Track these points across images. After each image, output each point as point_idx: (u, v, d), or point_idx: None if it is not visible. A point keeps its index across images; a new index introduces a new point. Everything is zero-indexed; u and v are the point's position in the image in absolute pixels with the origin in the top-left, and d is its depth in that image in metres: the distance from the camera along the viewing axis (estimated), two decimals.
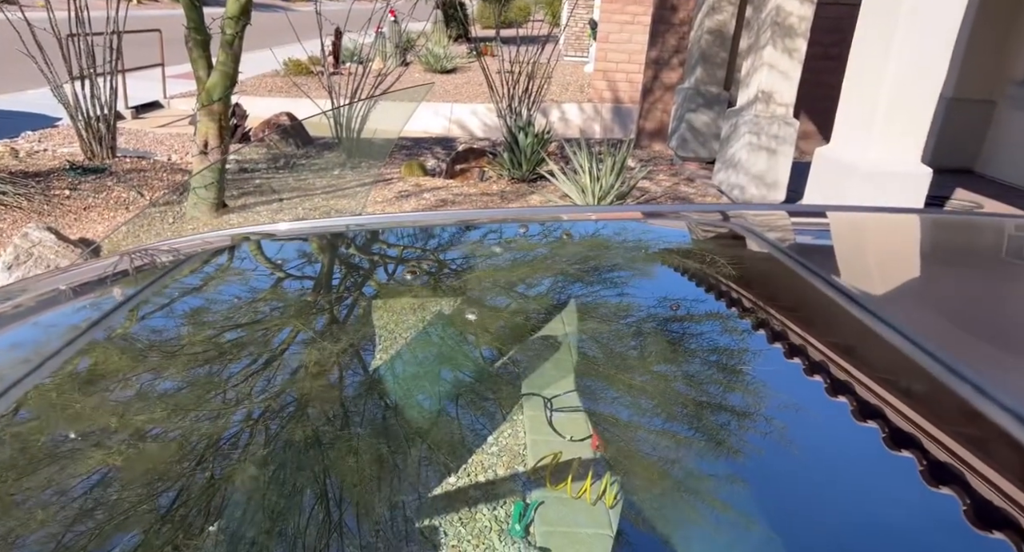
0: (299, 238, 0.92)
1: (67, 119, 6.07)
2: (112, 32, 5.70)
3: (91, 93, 5.67)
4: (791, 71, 5.13)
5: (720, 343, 0.60)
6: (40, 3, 5.29)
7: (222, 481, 0.46)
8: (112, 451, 0.47)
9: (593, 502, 0.42)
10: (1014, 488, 0.38)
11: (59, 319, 0.73)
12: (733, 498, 0.42)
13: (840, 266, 0.74)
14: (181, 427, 0.50)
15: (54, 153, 6.21)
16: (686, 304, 0.67)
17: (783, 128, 5.17)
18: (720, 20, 6.47)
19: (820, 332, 0.59)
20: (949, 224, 1.04)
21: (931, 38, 3.64)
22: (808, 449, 0.46)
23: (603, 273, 0.77)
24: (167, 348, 0.62)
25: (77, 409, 0.52)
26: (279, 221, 0.98)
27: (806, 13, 5.04)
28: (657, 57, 7.85)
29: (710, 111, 6.60)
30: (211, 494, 0.44)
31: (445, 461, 0.47)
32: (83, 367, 0.59)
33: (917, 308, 0.65)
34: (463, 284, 0.75)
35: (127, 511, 0.42)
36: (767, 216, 0.80)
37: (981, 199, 5.48)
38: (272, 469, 0.47)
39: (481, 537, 0.41)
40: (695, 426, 0.49)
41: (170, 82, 9.16)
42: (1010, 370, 0.51)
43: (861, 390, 0.49)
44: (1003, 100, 6.23)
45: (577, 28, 16.44)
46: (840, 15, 6.36)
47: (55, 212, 4.71)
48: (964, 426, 0.44)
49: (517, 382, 0.57)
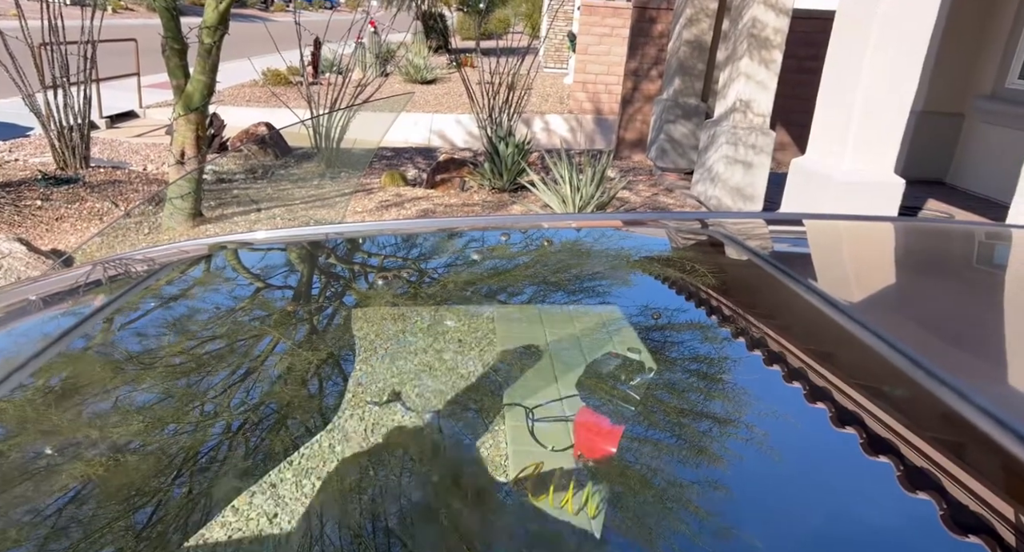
0: (277, 246, 0.91)
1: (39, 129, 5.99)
2: (86, 41, 5.63)
3: (64, 102, 5.59)
4: (768, 82, 5.21)
5: (700, 350, 0.61)
6: (12, 12, 5.22)
7: (200, 494, 0.45)
8: (87, 464, 0.45)
9: (575, 512, 0.42)
10: (992, 492, 0.38)
11: (30, 330, 0.72)
12: (715, 505, 0.41)
13: (817, 272, 0.75)
14: (158, 439, 0.49)
15: (25, 163, 6.11)
16: (667, 312, 0.67)
17: (760, 138, 5.24)
18: (697, 32, 6.56)
19: (799, 338, 0.60)
20: (923, 231, 1.06)
21: (902, 52, 3.72)
22: (790, 455, 0.46)
23: (584, 281, 0.77)
24: (142, 359, 0.60)
25: (49, 422, 0.51)
26: (257, 230, 0.97)
27: (781, 25, 5.12)
28: (636, 68, 7.93)
29: (688, 122, 6.68)
30: (189, 508, 0.43)
31: (427, 472, 0.46)
32: (55, 379, 0.58)
33: (894, 313, 0.65)
34: (444, 292, 0.74)
35: (103, 528, 0.41)
36: (745, 224, 0.81)
37: (953, 210, 5.59)
38: (252, 480, 0.46)
39: (465, 548, 0.41)
40: (677, 434, 0.49)
41: (146, 91, 9.07)
42: (986, 374, 0.52)
43: (840, 395, 0.50)
44: (971, 113, 6.37)
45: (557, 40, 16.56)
46: (814, 29, 6.48)
47: (26, 223, 4.62)
48: (941, 429, 0.44)
49: (499, 392, 0.57)
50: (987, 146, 6.13)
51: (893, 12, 3.70)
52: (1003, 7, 6.03)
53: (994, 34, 6.10)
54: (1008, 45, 6.06)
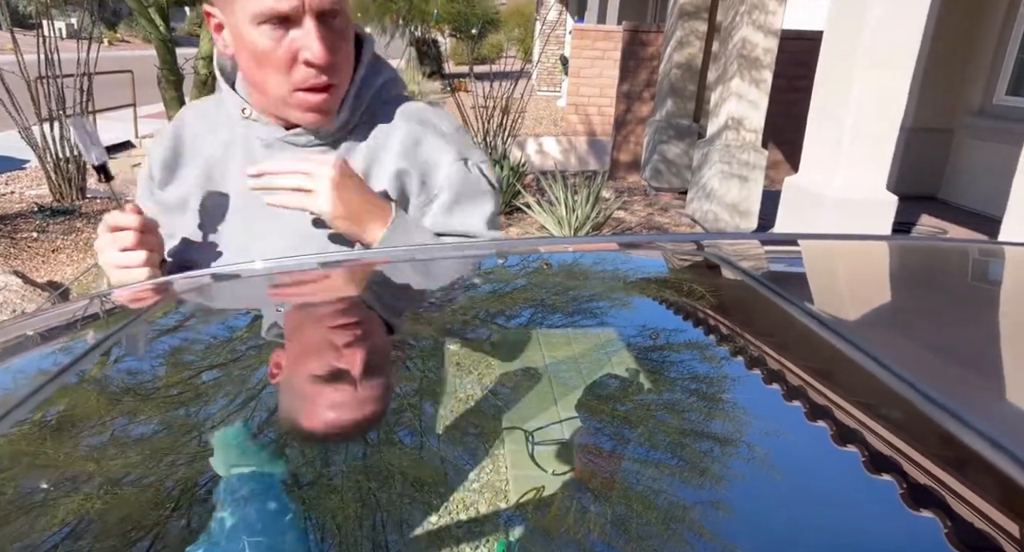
0: (276, 275, 0.91)
1: (35, 161, 6.01)
2: (83, 73, 5.68)
3: (60, 134, 5.62)
4: (759, 101, 5.26)
5: (699, 371, 0.61)
6: (9, 46, 5.27)
7: (200, 527, 0.44)
8: (88, 500, 0.45)
9: (577, 535, 0.42)
10: (993, 510, 0.38)
11: (27, 366, 0.72)
12: (718, 526, 0.41)
13: (813, 293, 0.76)
14: (157, 473, 0.49)
15: (21, 195, 6.13)
16: (664, 333, 0.67)
17: (753, 155, 5.29)
18: (688, 54, 6.64)
19: (795, 359, 0.60)
20: (917, 250, 1.07)
21: (890, 70, 3.77)
22: (790, 476, 0.46)
23: (581, 303, 0.77)
24: (142, 393, 0.60)
25: (47, 459, 0.51)
26: (254, 260, 0.97)
27: (771, 46, 5.19)
28: (628, 91, 8.01)
29: (681, 142, 6.73)
30: (190, 539, 0.43)
31: (426, 499, 0.46)
32: (54, 415, 0.58)
33: (889, 334, 0.66)
34: (442, 317, 0.75)
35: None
36: (740, 245, 0.82)
37: (946, 225, 5.62)
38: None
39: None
40: (678, 455, 0.49)
41: (142, 122, 9.13)
42: (982, 394, 0.52)
43: (836, 416, 0.50)
44: (961, 129, 6.44)
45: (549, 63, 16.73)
46: (803, 49, 6.57)
47: (22, 256, 4.62)
48: (938, 450, 0.44)
49: (498, 416, 0.57)
50: (978, 162, 6.18)
51: (880, 30, 3.76)
52: (988, 24, 6.13)
53: (981, 51, 6.19)
54: (994, 62, 6.15)
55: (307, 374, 0.64)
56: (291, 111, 1.00)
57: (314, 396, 0.62)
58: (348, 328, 0.74)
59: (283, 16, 0.92)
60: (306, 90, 0.97)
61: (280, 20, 0.92)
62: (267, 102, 1.02)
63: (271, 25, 0.92)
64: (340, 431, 0.56)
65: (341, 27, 0.97)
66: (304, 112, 1.00)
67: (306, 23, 0.93)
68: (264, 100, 1.02)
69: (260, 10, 0.91)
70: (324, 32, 0.94)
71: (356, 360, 0.66)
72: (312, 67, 0.95)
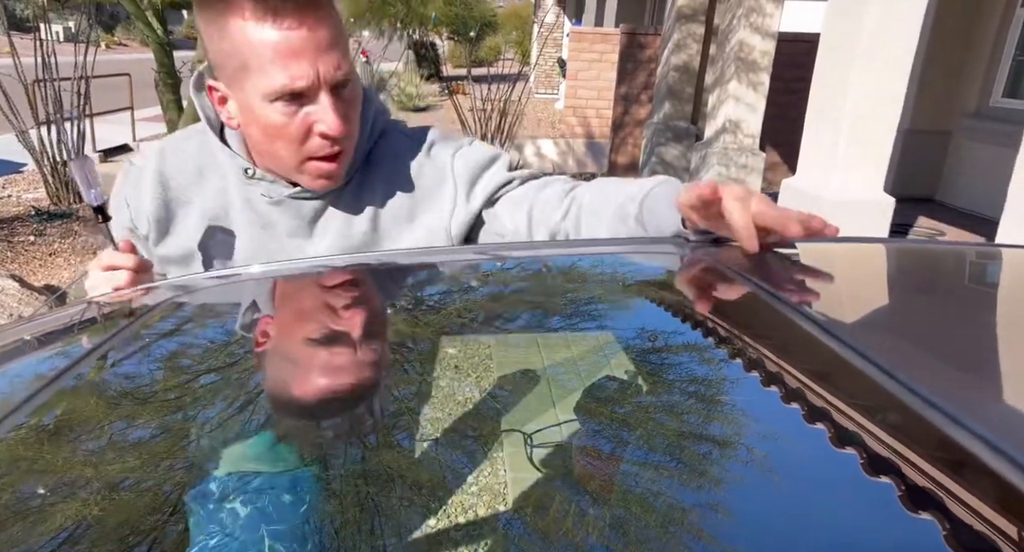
0: (273, 279, 0.91)
1: (32, 164, 6.00)
2: (80, 77, 5.68)
3: (58, 138, 5.62)
4: (756, 103, 5.27)
5: (697, 374, 0.61)
6: (6, 50, 5.27)
7: (198, 530, 0.44)
8: (85, 505, 0.45)
9: (576, 538, 0.42)
10: (991, 513, 0.39)
11: (24, 370, 0.72)
12: (716, 529, 0.41)
13: (810, 295, 0.76)
14: (155, 477, 0.48)
15: (18, 199, 6.12)
16: (662, 336, 0.68)
17: (751, 158, 5.29)
18: (686, 57, 6.65)
19: (793, 361, 0.60)
20: (914, 253, 1.07)
21: (887, 72, 3.78)
22: (788, 478, 0.46)
23: (579, 306, 0.77)
24: (140, 397, 0.60)
25: (44, 464, 0.51)
26: (251, 264, 0.97)
27: (768, 48, 5.21)
28: (626, 93, 8.03)
29: (679, 145, 6.74)
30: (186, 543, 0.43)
31: (425, 501, 0.46)
32: (50, 419, 0.58)
33: (886, 336, 0.66)
34: (441, 320, 0.75)
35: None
36: (737, 247, 0.82)
37: (943, 226, 5.63)
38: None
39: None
40: (676, 457, 0.49)
41: (140, 125, 9.12)
42: (980, 396, 0.52)
43: (833, 419, 0.50)
44: (958, 131, 6.45)
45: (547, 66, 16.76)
46: (800, 51, 6.59)
47: (19, 259, 4.62)
48: (936, 452, 0.44)
49: (497, 418, 0.57)
50: (974, 163, 6.20)
51: (877, 33, 3.77)
52: (984, 26, 6.15)
53: (977, 54, 6.21)
54: (990, 64, 6.17)
55: (294, 345, 0.64)
56: (303, 177, 1.00)
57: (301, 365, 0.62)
58: (341, 322, 0.75)
59: (298, 93, 0.91)
60: (319, 158, 0.97)
61: (294, 97, 0.91)
62: (275, 165, 1.01)
63: (284, 102, 0.91)
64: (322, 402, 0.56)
65: (351, 95, 0.97)
66: (315, 179, 1.00)
67: (321, 99, 0.92)
68: (271, 164, 1.01)
69: (274, 88, 0.90)
70: (338, 103, 0.93)
71: (346, 337, 0.66)
72: (327, 138, 0.94)
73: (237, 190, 1.05)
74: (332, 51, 0.91)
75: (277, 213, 1.05)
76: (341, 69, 0.92)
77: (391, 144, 1.10)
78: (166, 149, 1.10)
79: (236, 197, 1.06)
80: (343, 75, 0.93)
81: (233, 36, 0.90)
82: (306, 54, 0.89)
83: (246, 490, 0.49)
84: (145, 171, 1.08)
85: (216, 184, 1.07)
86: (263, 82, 0.90)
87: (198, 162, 1.07)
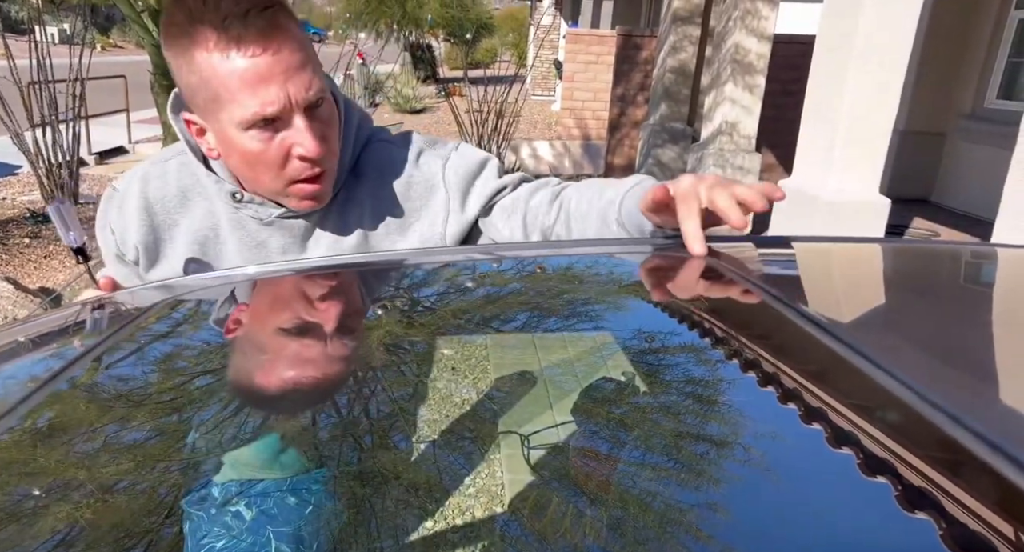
0: (270, 280, 0.91)
1: (27, 167, 5.99)
2: (75, 79, 5.66)
3: (53, 140, 5.60)
4: (752, 105, 5.28)
5: (694, 374, 0.61)
6: (0, 52, 5.26)
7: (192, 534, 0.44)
8: (78, 508, 0.45)
9: (573, 539, 0.42)
10: (990, 512, 0.38)
11: (18, 372, 0.71)
12: (714, 529, 0.41)
13: (807, 295, 0.76)
14: (149, 480, 0.48)
15: (13, 201, 6.10)
16: (659, 336, 0.67)
17: (747, 159, 5.30)
18: (682, 59, 6.66)
19: (791, 361, 0.60)
20: (910, 252, 1.07)
21: (882, 74, 3.79)
22: (786, 478, 0.46)
23: (576, 307, 0.77)
24: (134, 399, 0.60)
25: (38, 466, 0.50)
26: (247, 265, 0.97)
27: (763, 51, 5.22)
28: (622, 95, 8.04)
29: (676, 146, 6.75)
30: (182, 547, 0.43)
31: (422, 503, 0.46)
32: (44, 422, 0.57)
33: (884, 335, 0.66)
34: (437, 321, 0.75)
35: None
36: (734, 247, 0.82)
37: (938, 227, 5.64)
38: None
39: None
40: (674, 458, 0.49)
41: (135, 127, 9.11)
42: (978, 395, 0.52)
43: (830, 418, 0.50)
44: (952, 132, 6.47)
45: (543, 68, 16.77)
46: (796, 53, 6.61)
47: (14, 262, 4.60)
48: (934, 451, 0.44)
49: (494, 420, 0.57)
50: (969, 164, 6.22)
51: (872, 34, 3.78)
52: (979, 28, 6.17)
53: (972, 55, 6.23)
54: (985, 66, 6.19)
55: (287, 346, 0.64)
56: (289, 200, 1.00)
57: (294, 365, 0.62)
58: (334, 322, 0.74)
59: (271, 119, 0.90)
60: (303, 181, 0.96)
61: (268, 122, 0.90)
62: (260, 191, 1.01)
63: (259, 129, 0.91)
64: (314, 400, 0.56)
65: (326, 114, 0.96)
66: (301, 201, 0.99)
67: (296, 122, 0.91)
68: (258, 189, 1.01)
69: (246, 117, 0.89)
70: (313, 124, 0.92)
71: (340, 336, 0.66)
72: (306, 160, 0.94)
73: (225, 212, 1.05)
74: (301, 72, 0.90)
75: (268, 233, 1.05)
76: (312, 89, 0.91)
77: (376, 153, 1.09)
78: (148, 174, 1.09)
79: (224, 218, 1.06)
80: (315, 95, 0.92)
81: (201, 68, 0.89)
82: (274, 79, 0.88)
83: (248, 494, 0.49)
84: (128, 196, 1.08)
85: (203, 206, 1.06)
86: (235, 112, 0.90)
87: (180, 184, 1.07)
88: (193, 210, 1.07)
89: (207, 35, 0.87)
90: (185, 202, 1.07)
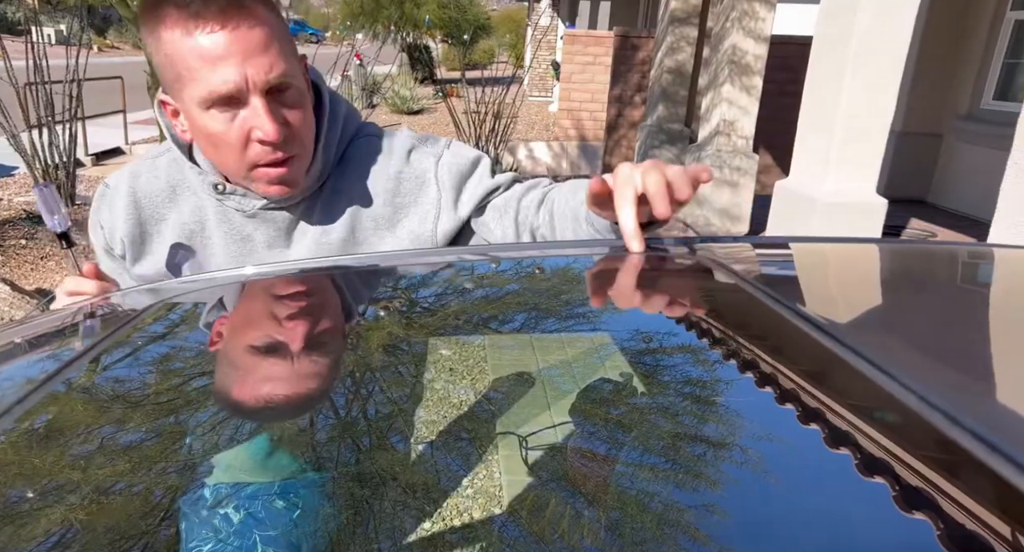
0: (267, 280, 0.90)
1: (24, 168, 5.97)
2: (72, 80, 5.65)
3: (49, 141, 5.59)
4: (749, 106, 5.29)
5: (692, 375, 0.61)
6: None
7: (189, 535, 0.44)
8: (73, 510, 0.45)
9: (571, 540, 0.42)
10: (988, 512, 0.38)
11: (14, 374, 0.71)
12: (712, 530, 0.41)
13: (805, 296, 0.76)
14: (146, 481, 0.48)
15: (10, 203, 6.08)
16: (657, 337, 0.67)
17: (744, 160, 5.31)
18: (679, 60, 6.67)
19: (789, 361, 0.60)
20: (907, 253, 1.07)
21: (879, 74, 3.80)
22: (784, 479, 0.46)
23: (574, 307, 0.77)
24: (130, 400, 0.60)
25: (34, 468, 0.50)
26: (245, 266, 0.97)
27: (761, 52, 5.22)
28: (620, 95, 8.04)
29: (673, 147, 6.75)
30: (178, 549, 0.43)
31: (419, 504, 0.46)
32: (40, 423, 0.57)
33: (881, 334, 0.66)
34: (435, 322, 0.74)
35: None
36: (732, 248, 0.82)
37: (935, 228, 5.66)
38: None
39: None
40: (672, 459, 0.49)
41: (132, 128, 9.09)
42: (975, 395, 0.52)
43: (829, 418, 0.50)
44: (949, 133, 6.49)
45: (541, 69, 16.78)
46: (793, 54, 6.62)
47: (10, 263, 4.59)
48: (931, 451, 0.44)
49: (492, 421, 0.56)
50: (966, 165, 6.23)
51: (869, 35, 3.78)
52: (975, 29, 6.19)
53: (968, 56, 6.25)
54: (982, 67, 6.20)
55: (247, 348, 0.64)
56: (256, 185, 0.99)
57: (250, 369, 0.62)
58: (329, 324, 0.74)
59: (228, 98, 0.89)
60: (265, 165, 0.95)
61: (226, 102, 0.90)
62: (230, 175, 1.00)
63: (218, 108, 0.90)
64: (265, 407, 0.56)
65: (292, 99, 0.94)
66: (268, 186, 0.98)
67: (252, 102, 0.90)
68: (228, 173, 1.00)
69: (203, 95, 0.89)
70: (273, 107, 0.91)
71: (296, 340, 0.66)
72: (266, 144, 0.93)
73: (211, 205, 1.05)
74: (263, 53, 0.89)
75: (253, 225, 1.04)
76: (274, 72, 0.90)
77: (364, 147, 1.09)
78: (139, 170, 1.09)
79: (211, 212, 1.05)
80: (276, 77, 0.90)
81: (166, 46, 0.89)
82: (232, 57, 0.88)
83: (237, 497, 0.48)
84: (118, 192, 1.08)
85: (191, 201, 1.06)
86: (195, 90, 0.89)
87: (170, 180, 1.07)
88: (181, 205, 1.06)
89: (170, 12, 0.88)
90: (173, 197, 1.07)
